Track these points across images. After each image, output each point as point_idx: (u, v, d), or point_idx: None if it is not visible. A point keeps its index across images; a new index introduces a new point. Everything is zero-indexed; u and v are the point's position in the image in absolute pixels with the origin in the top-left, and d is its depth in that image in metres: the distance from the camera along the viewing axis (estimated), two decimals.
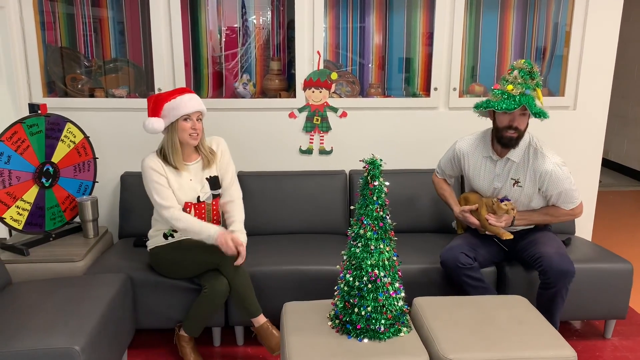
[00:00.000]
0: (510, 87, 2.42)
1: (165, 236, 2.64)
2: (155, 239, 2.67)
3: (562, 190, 2.60)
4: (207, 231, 2.49)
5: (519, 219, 2.66)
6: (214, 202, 2.67)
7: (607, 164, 6.66)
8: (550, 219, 2.72)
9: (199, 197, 2.62)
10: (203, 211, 2.63)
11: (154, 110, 2.55)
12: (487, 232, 2.71)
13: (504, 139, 2.56)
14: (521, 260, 2.73)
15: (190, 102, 2.52)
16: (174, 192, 2.56)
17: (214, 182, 2.67)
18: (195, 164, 2.65)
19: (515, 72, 2.44)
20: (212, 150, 2.69)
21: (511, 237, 2.60)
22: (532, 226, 2.76)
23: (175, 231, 2.64)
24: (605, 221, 4.71)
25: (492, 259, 2.74)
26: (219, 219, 2.71)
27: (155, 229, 2.68)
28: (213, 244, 2.49)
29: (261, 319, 2.57)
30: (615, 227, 4.68)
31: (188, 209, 2.59)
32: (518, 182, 2.64)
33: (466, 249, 2.61)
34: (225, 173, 2.71)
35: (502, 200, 2.62)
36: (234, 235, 2.50)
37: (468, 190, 2.89)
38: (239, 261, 2.49)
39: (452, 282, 2.66)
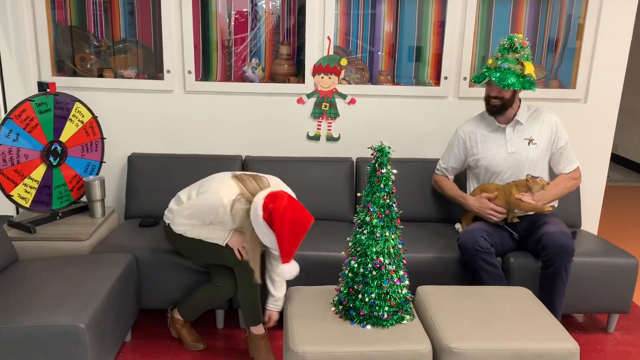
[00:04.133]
0: (490, 61, 2.66)
1: None
2: None
3: (567, 140, 2.79)
4: (218, 239, 2.40)
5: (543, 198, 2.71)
6: None
7: (615, 158, 6.61)
8: (562, 189, 2.80)
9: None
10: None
11: (270, 221, 2.16)
12: (509, 220, 2.74)
13: (488, 106, 2.74)
14: (529, 249, 2.73)
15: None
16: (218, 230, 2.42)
17: None
18: None
19: (504, 40, 2.64)
20: None
21: (551, 209, 2.65)
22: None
23: None
24: (612, 216, 4.68)
25: (504, 249, 2.75)
26: None
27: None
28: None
29: (260, 328, 2.50)
30: (621, 222, 4.67)
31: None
32: (532, 140, 2.76)
33: (485, 233, 2.63)
34: None
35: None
36: (272, 312, 2.49)
37: (473, 188, 2.91)
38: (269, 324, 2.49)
39: (467, 266, 2.66)
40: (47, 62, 3.16)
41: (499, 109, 2.70)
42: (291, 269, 2.21)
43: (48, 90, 2.80)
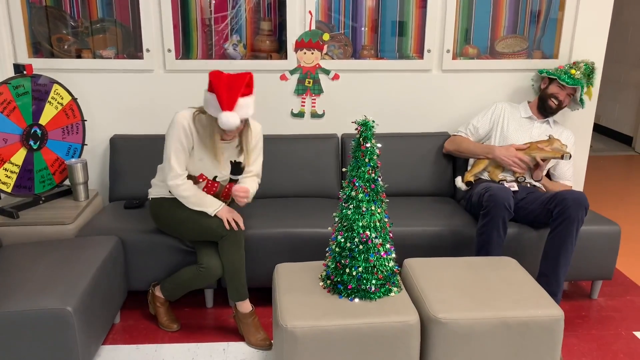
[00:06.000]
0: (573, 71, 3.00)
1: None
2: (159, 189, 2.57)
3: (572, 160, 3.01)
4: (208, 207, 2.44)
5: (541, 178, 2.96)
6: (228, 186, 2.57)
7: (598, 128, 6.67)
8: (553, 186, 3.02)
9: (216, 176, 2.53)
10: (214, 190, 2.55)
11: (211, 87, 2.28)
12: (515, 175, 2.92)
13: (545, 105, 3.02)
14: (522, 217, 2.75)
15: (229, 122, 2.24)
16: (194, 161, 2.45)
17: (237, 168, 2.53)
18: (229, 144, 2.49)
19: (582, 65, 3.04)
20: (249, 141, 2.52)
21: (570, 154, 2.86)
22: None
23: None
24: (595, 186, 4.74)
25: None
26: (228, 201, 2.63)
27: (160, 179, 2.57)
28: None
29: (247, 306, 2.51)
30: (604, 191, 4.73)
31: (201, 180, 2.50)
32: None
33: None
34: (255, 159, 2.62)
35: None
36: (240, 186, 2.49)
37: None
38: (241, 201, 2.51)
39: (484, 220, 2.59)
40: (22, 44, 3.09)
41: (553, 110, 3.02)
42: (230, 115, 2.24)
43: (25, 72, 2.74)
